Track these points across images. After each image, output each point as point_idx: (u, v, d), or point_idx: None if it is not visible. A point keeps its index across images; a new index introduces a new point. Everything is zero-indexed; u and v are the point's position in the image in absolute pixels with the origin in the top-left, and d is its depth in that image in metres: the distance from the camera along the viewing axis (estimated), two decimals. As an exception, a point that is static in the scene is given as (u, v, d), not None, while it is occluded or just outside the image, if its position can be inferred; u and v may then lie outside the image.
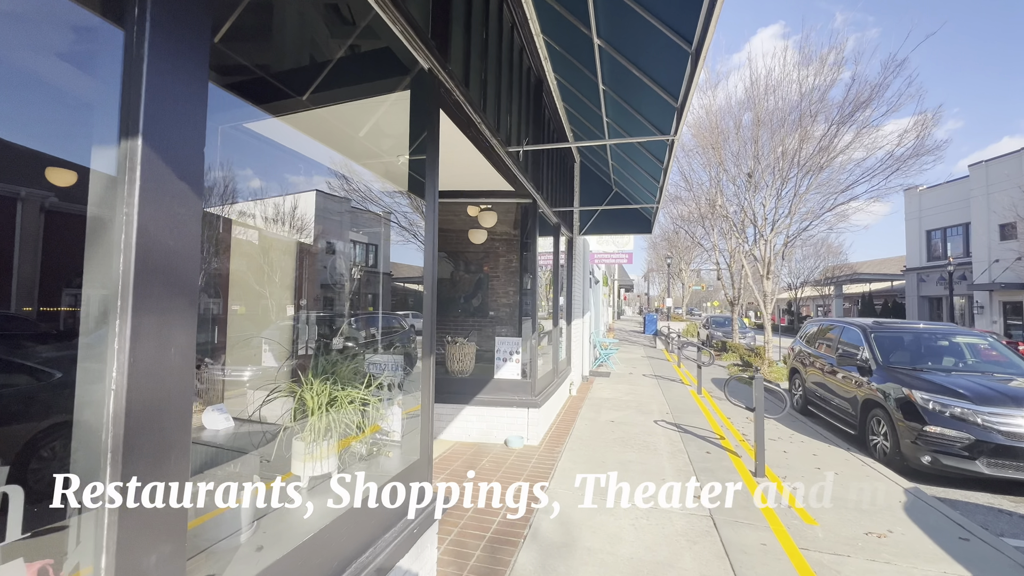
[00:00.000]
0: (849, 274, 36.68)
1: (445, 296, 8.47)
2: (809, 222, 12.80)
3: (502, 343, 5.39)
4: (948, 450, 5.08)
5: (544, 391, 5.75)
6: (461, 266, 8.79)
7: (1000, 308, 24.25)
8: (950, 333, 6.75)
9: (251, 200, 3.36)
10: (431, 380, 2.59)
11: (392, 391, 2.56)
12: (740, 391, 10.12)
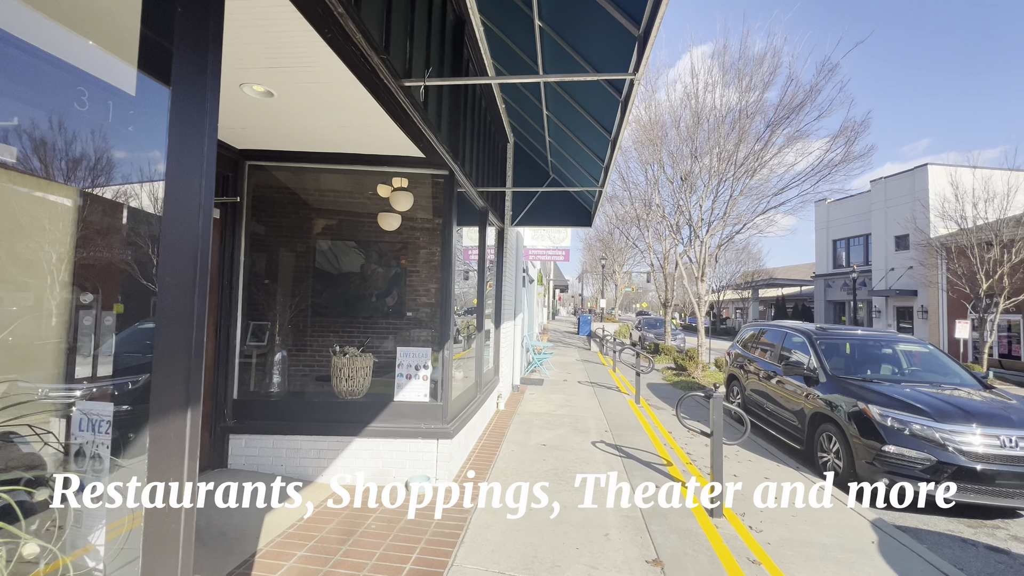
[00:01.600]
0: (766, 279, 39.03)
1: (354, 293, 7.09)
2: (742, 224, 12.74)
3: (406, 355, 4.16)
4: (908, 472, 4.59)
5: (461, 415, 4.61)
6: (374, 257, 7.44)
7: (894, 312, 26.57)
8: (892, 340, 6.47)
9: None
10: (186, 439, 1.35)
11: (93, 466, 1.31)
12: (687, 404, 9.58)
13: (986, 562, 3.90)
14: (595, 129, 4.24)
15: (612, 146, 4.12)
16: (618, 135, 3.88)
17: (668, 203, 14.75)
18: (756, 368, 7.76)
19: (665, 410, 8.37)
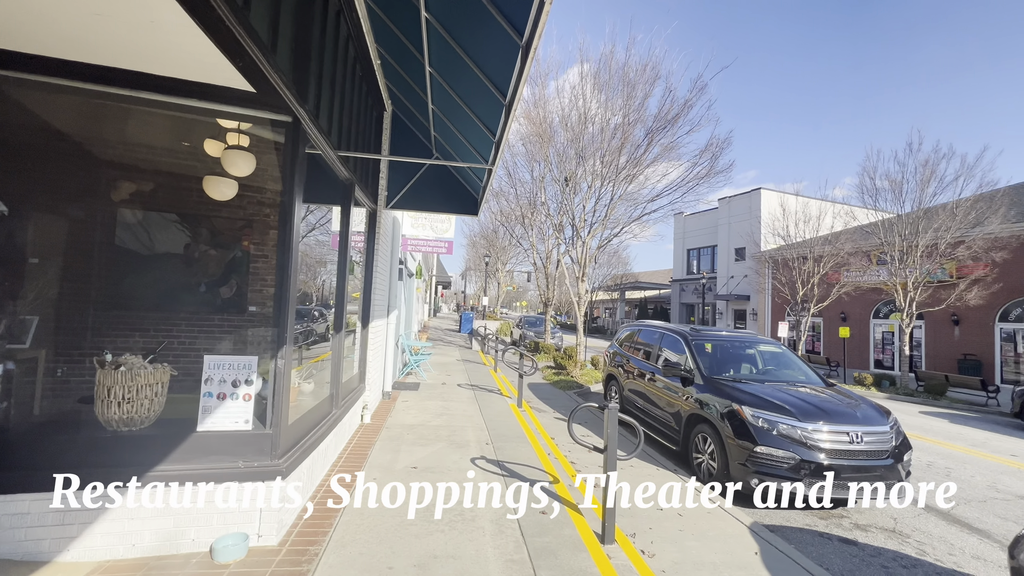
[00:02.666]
0: (632, 282, 42.60)
1: (174, 281, 5.48)
2: (620, 228, 13.21)
3: (217, 367, 2.95)
4: (775, 472, 4.70)
5: (304, 442, 3.55)
6: (204, 236, 5.84)
7: (733, 314, 30.74)
8: (753, 341, 6.89)
9: None
10: None
11: None
12: (568, 405, 9.37)
13: (843, 556, 4.05)
14: (487, 91, 3.52)
15: (507, 112, 3.45)
16: (514, 98, 3.21)
17: (553, 203, 14.79)
18: (634, 368, 7.80)
19: (547, 412, 8.05)
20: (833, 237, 18.32)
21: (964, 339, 17.98)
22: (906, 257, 14.84)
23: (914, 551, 4.22)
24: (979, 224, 14.31)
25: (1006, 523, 4.98)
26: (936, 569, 3.92)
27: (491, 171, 4.60)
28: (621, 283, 41.86)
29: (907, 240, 14.83)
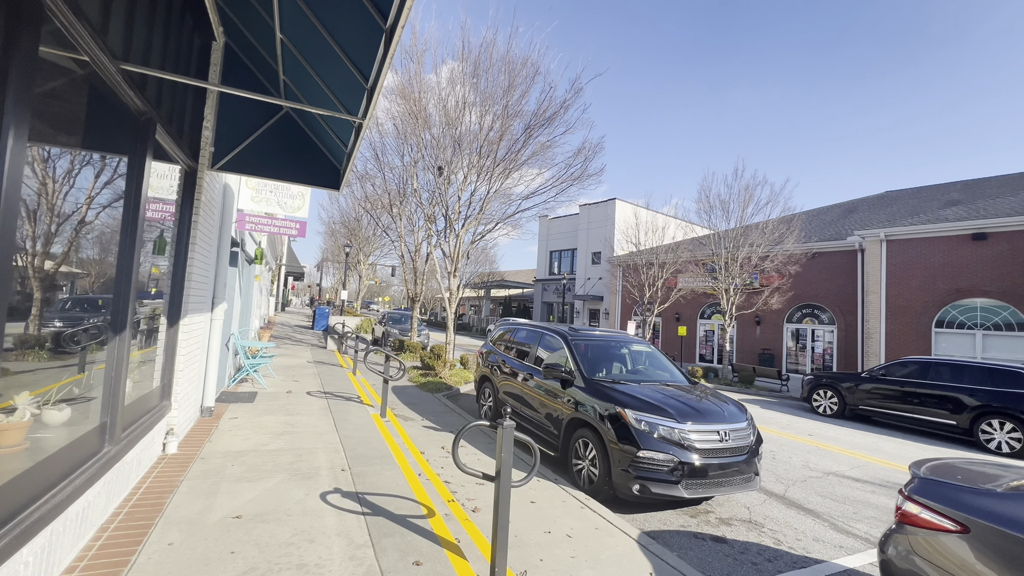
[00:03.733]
0: (499, 280, 43.35)
1: None
2: (495, 223, 12.87)
3: None
4: (656, 476, 4.61)
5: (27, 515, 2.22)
6: None
7: (588, 313, 33.14)
8: (626, 341, 6.98)
9: None
10: None
11: None
12: (447, 420, 8.54)
13: (719, 558, 4.06)
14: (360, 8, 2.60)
15: (387, 42, 2.57)
16: (399, 19, 2.36)
17: (425, 191, 13.83)
18: (510, 369, 7.39)
19: (415, 421, 7.19)
20: (675, 246, 20.67)
21: (763, 336, 21.80)
22: (730, 266, 17.30)
23: (772, 541, 4.45)
24: (780, 242, 17.36)
25: (826, 501, 5.67)
26: (792, 559, 4.14)
27: (361, 130, 3.62)
28: (488, 281, 42.30)
29: (731, 252, 17.30)
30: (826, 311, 19.99)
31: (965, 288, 15.67)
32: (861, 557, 4.25)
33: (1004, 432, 9.25)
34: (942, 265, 16.15)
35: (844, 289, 19.33)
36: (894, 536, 2.86)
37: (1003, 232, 15.08)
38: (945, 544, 2.54)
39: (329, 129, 4.65)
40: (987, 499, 2.49)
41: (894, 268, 17.09)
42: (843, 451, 8.25)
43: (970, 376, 10.16)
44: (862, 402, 11.58)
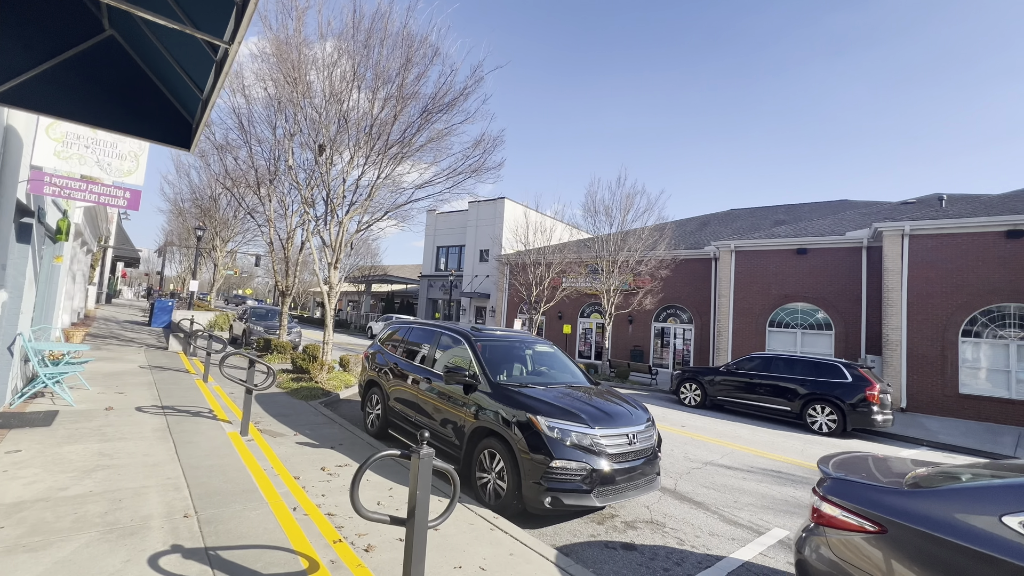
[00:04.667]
0: (381, 275, 41.06)
1: None
2: (385, 212, 11.80)
3: None
4: (569, 486, 4.35)
5: None
6: None
7: (475, 310, 32.98)
8: (529, 342, 6.69)
9: None
10: None
11: None
12: (316, 424, 7.38)
13: (632, 567, 3.92)
14: None
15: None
16: None
17: (303, 171, 12.17)
18: (403, 372, 6.66)
19: (286, 437, 6.06)
20: (562, 247, 21.39)
21: (635, 334, 23.71)
22: (612, 268, 18.37)
23: (675, 542, 4.47)
24: (654, 248, 18.94)
25: (710, 492, 6.01)
26: (697, 558, 4.18)
27: (225, 64, 2.68)
28: (370, 275, 39.82)
29: (612, 255, 18.39)
30: (686, 311, 22.41)
31: (790, 294, 18.70)
32: (752, 548, 4.46)
33: (824, 415, 11.05)
34: (775, 274, 19.06)
35: (701, 292, 21.84)
36: (811, 537, 2.89)
37: (818, 248, 18.29)
38: (863, 545, 2.59)
39: (176, 64, 3.49)
40: (900, 498, 2.59)
41: (740, 275, 19.74)
42: (712, 440, 9.04)
43: (800, 369, 11.97)
44: (720, 393, 13.02)
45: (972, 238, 14.59)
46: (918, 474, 2.97)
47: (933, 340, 14.78)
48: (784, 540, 4.70)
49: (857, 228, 18.26)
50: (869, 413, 10.57)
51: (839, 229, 18.91)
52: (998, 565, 2.15)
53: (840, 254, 17.87)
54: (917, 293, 15.11)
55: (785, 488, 6.44)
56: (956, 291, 14.63)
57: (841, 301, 17.70)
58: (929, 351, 14.80)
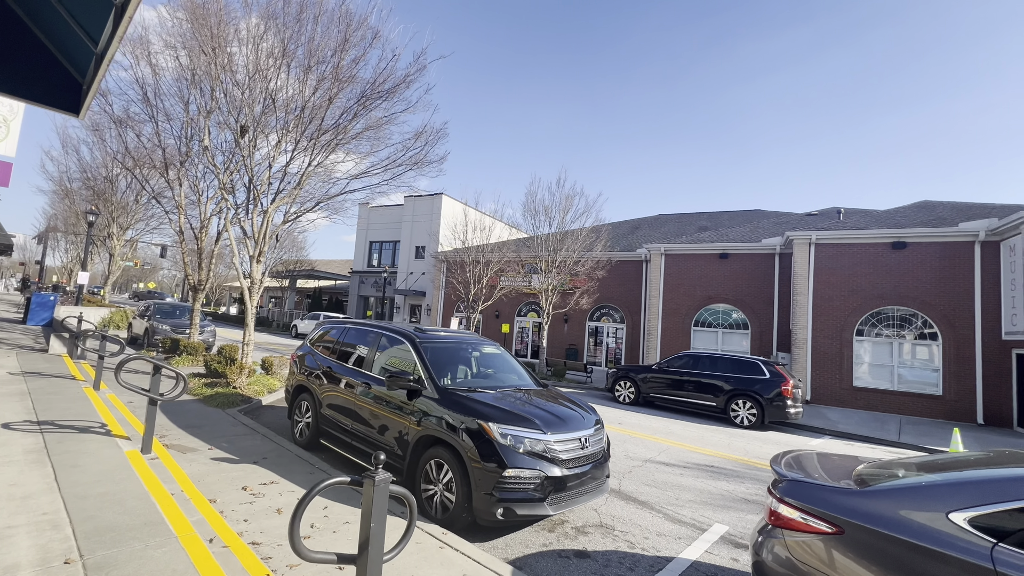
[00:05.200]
0: (308, 270, 38.67)
1: None
2: (316, 203, 10.95)
3: None
4: (522, 496, 4.17)
5: None
6: None
7: (409, 308, 32.00)
8: (475, 343, 6.43)
9: None
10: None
11: None
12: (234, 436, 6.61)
13: (585, 575, 3.83)
14: None
15: None
16: None
17: (220, 153, 10.99)
18: (337, 377, 6.14)
19: (199, 453, 5.34)
20: (501, 245, 21.28)
21: (570, 333, 24.18)
22: (551, 268, 18.54)
23: (627, 545, 4.45)
24: (591, 249, 19.38)
25: (652, 490, 6.12)
26: (649, 561, 4.18)
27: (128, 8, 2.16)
28: (295, 270, 37.32)
29: (551, 255, 18.56)
30: (619, 311, 23.21)
31: (713, 295, 19.96)
32: (698, 546, 4.55)
33: (745, 409, 11.83)
34: (700, 276, 20.26)
35: (633, 293, 22.72)
36: (769, 540, 2.92)
37: (738, 254, 19.68)
38: (821, 546, 2.64)
39: (63, 10, 2.84)
40: (855, 498, 2.67)
41: (669, 277, 20.77)
42: (649, 437, 9.32)
43: (724, 366, 12.74)
44: (652, 390, 13.55)
45: (865, 248, 16.38)
46: (861, 471, 3.11)
47: (833, 339, 16.43)
48: (725, 536, 4.85)
49: (770, 236, 19.86)
50: (784, 407, 11.46)
51: (755, 236, 20.48)
52: (947, 561, 2.25)
53: (756, 259, 19.35)
54: (820, 296, 16.70)
55: (719, 482, 6.72)
56: (852, 295, 16.35)
57: (756, 303, 19.18)
58: (830, 349, 16.42)
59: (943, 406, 14.91)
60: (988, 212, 16.38)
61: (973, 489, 2.39)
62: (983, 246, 14.85)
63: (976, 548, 2.22)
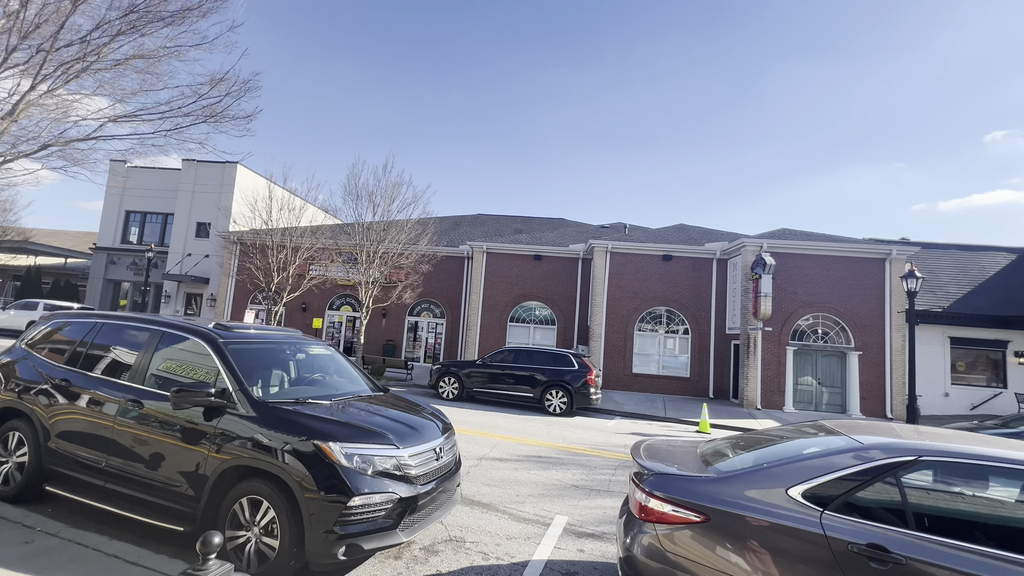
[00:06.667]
0: (20, 241, 28.04)
1: None
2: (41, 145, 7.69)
3: None
4: (372, 526, 3.50)
5: None
6: None
7: (184, 298, 25.98)
8: (300, 343, 5.27)
9: None
10: None
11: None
12: None
13: (447, 606, 3.41)
14: None
15: None
16: None
17: None
18: (80, 392, 4.34)
19: None
20: (315, 230, 18.89)
21: (388, 328, 23.09)
22: (373, 259, 17.25)
23: (480, 557, 4.18)
24: (417, 242, 18.74)
25: (492, 489, 6.03)
26: (505, 571, 3.99)
27: None
28: None
29: (374, 245, 17.30)
30: (440, 306, 23.15)
31: (527, 293, 21.52)
32: (547, 544, 4.56)
33: (558, 398, 12.95)
34: (517, 275, 21.60)
35: (454, 288, 22.93)
36: (638, 534, 2.99)
37: (550, 256, 21.62)
38: (691, 535, 2.79)
39: None
40: (714, 485, 2.89)
41: (490, 274, 21.58)
42: (478, 433, 9.33)
43: (541, 359, 13.74)
44: (476, 385, 13.76)
45: (645, 258, 19.79)
46: (703, 453, 3.45)
47: (620, 333, 19.39)
48: (567, 527, 5.01)
49: (575, 243, 22.41)
50: (589, 394, 12.93)
51: (564, 242, 22.84)
52: (790, 532, 2.57)
53: (564, 262, 21.59)
54: (612, 297, 19.54)
55: (549, 472, 7.05)
56: (634, 297, 19.57)
57: (563, 301, 21.40)
58: (617, 341, 19.34)
59: (690, 386, 19.05)
60: (723, 237, 21.61)
61: (802, 466, 2.81)
62: (718, 262, 19.47)
63: (809, 517, 2.58)
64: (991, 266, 20.42)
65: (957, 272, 20.02)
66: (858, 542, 2.43)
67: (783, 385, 16.61)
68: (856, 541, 2.44)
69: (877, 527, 2.47)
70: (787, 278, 16.81)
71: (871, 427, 3.30)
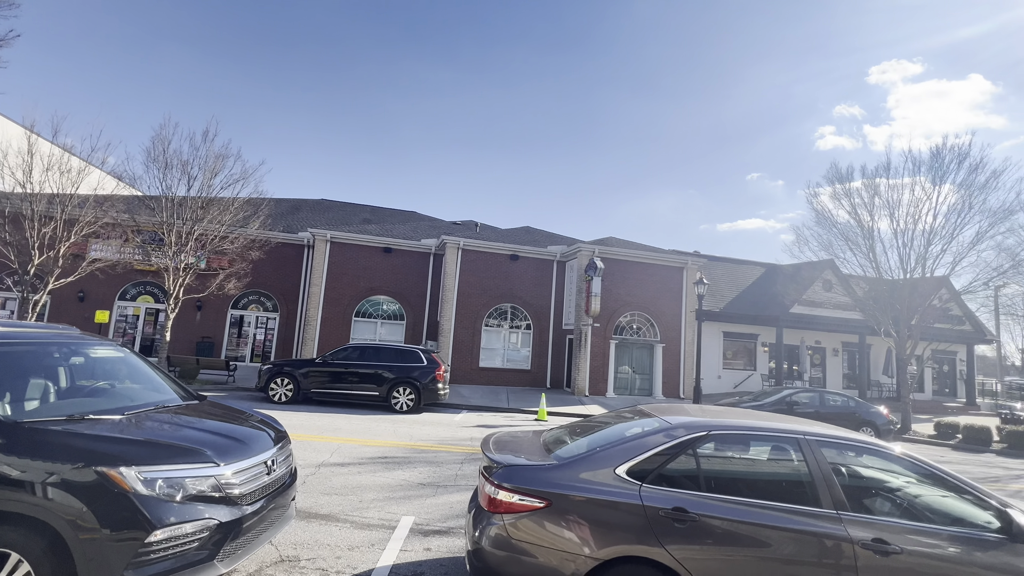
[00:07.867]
0: None
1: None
2: None
3: None
4: (180, 562, 2.93)
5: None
6: None
7: None
8: (77, 345, 4.10)
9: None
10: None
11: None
12: None
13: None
14: None
15: None
16: None
17: None
18: None
19: None
20: (101, 200, 15.06)
21: (204, 323, 19.79)
22: (187, 241, 14.54)
23: (319, 575, 3.85)
24: (246, 225, 16.37)
25: (333, 499, 5.62)
26: (347, 584, 3.74)
27: None
28: None
29: (189, 225, 14.59)
30: (272, 298, 20.70)
31: (375, 287, 20.58)
32: (392, 548, 4.42)
33: (405, 395, 12.67)
34: (365, 268, 20.48)
35: (291, 279, 20.74)
36: (486, 525, 3.09)
37: (400, 250, 21.00)
38: (534, 521, 2.98)
39: None
40: (555, 472, 3.14)
41: (334, 265, 20.04)
42: (316, 438, 8.60)
43: (387, 356, 13.28)
44: (315, 385, 12.65)
45: (495, 256, 20.58)
46: (545, 441, 3.73)
47: (469, 328, 19.84)
48: (414, 527, 4.93)
49: (428, 237, 22.19)
50: (437, 390, 12.93)
51: (416, 236, 22.42)
52: (618, 507, 2.94)
53: (416, 256, 21.20)
54: (463, 293, 19.88)
55: (396, 472, 6.85)
56: (483, 293, 20.22)
57: (413, 296, 21.01)
58: (466, 337, 19.76)
59: (530, 377, 20.47)
60: (564, 241, 23.66)
61: (625, 447, 3.23)
62: (558, 264, 21.29)
63: (631, 491, 2.98)
64: (749, 276, 26.39)
65: (728, 280, 25.38)
66: (665, 507, 2.90)
67: (607, 374, 18.98)
68: (664, 507, 2.90)
69: (679, 492, 2.98)
70: (612, 280, 19.23)
71: (674, 408, 3.97)
